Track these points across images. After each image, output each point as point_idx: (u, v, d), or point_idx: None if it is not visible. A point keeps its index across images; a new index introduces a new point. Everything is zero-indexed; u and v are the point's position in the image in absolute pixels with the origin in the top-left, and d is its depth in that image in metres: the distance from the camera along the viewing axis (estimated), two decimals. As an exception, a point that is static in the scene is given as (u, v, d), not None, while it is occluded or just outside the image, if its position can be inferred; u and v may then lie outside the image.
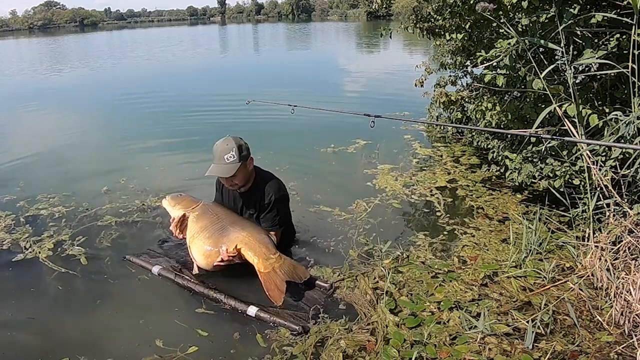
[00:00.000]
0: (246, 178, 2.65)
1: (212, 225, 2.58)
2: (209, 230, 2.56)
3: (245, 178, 2.64)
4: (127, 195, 3.84)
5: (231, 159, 2.51)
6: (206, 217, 2.63)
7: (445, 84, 5.07)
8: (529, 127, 3.02)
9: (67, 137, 6.00)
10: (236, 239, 2.50)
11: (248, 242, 2.48)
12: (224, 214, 2.67)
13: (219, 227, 2.57)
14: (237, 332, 2.21)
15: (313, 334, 2.14)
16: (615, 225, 2.43)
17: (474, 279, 2.51)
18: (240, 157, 2.54)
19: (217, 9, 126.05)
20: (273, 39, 31.24)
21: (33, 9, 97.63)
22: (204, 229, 2.58)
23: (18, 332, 2.27)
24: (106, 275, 2.72)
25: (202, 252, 2.54)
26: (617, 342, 2.00)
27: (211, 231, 2.55)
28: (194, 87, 10.09)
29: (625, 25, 2.39)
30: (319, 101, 7.43)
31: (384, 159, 4.57)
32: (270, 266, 2.41)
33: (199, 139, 5.52)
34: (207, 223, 2.59)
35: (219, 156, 2.53)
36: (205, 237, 2.55)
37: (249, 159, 2.61)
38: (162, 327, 2.26)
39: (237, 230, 2.54)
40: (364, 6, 61.27)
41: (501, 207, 3.39)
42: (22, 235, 3.20)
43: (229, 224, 2.59)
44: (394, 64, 12.49)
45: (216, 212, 2.67)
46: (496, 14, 2.77)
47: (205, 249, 2.53)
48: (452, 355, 1.97)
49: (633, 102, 2.36)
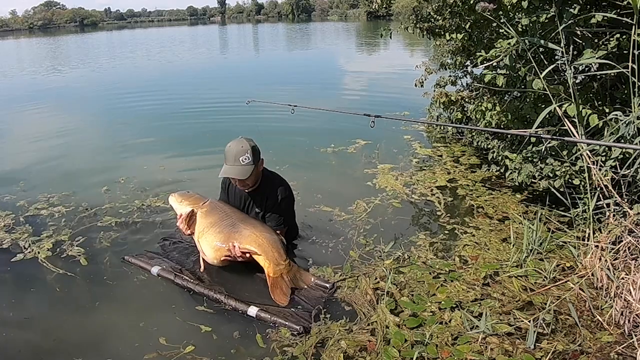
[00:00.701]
0: (257, 179, 2.69)
1: (222, 221, 2.60)
2: (219, 226, 2.58)
3: (256, 179, 2.67)
4: (127, 195, 3.84)
5: (246, 160, 2.52)
6: (215, 213, 2.65)
7: (445, 84, 5.07)
8: (529, 127, 3.02)
9: (67, 137, 6.00)
10: (249, 237, 2.51)
11: (262, 245, 2.50)
12: (232, 211, 2.70)
13: (229, 223, 2.59)
14: (237, 331, 2.21)
15: (313, 335, 2.14)
16: (615, 225, 2.43)
17: (476, 278, 2.51)
18: (254, 159, 2.55)
19: (217, 9, 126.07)
20: (273, 39, 31.25)
21: (33, 9, 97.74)
22: (213, 224, 2.60)
23: (18, 332, 2.26)
24: (105, 276, 2.72)
25: (213, 246, 2.56)
26: (617, 342, 2.00)
27: (221, 227, 2.58)
28: (194, 87, 10.08)
29: (625, 25, 2.39)
30: (319, 101, 7.44)
31: (384, 159, 4.57)
32: (279, 272, 2.45)
33: (199, 139, 5.53)
34: (217, 219, 2.62)
35: (234, 157, 2.52)
36: (216, 232, 2.57)
37: (260, 161, 2.63)
38: (161, 327, 2.26)
39: (250, 229, 2.56)
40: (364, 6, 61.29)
41: (501, 207, 3.39)
42: (21, 235, 3.19)
43: (239, 220, 2.61)
44: (394, 64, 12.49)
45: (224, 210, 2.69)
46: (496, 14, 2.77)
47: (215, 243, 2.56)
48: (454, 355, 1.97)
49: (633, 102, 2.36)
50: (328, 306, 2.35)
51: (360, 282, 2.52)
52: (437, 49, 5.24)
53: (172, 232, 3.13)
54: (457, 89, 5.07)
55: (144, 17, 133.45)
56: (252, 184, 2.67)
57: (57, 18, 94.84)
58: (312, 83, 10.35)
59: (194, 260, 2.77)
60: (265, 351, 2.08)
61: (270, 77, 11.88)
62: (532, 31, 2.62)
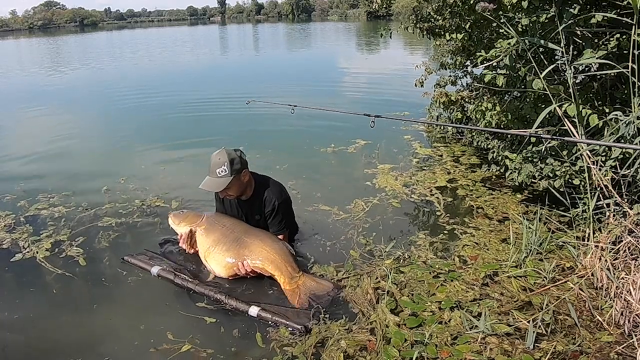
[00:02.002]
0: (241, 189, 2.68)
1: (225, 237, 2.59)
2: (225, 243, 2.57)
3: (240, 189, 2.66)
4: (127, 195, 3.84)
5: (222, 173, 2.54)
6: (215, 229, 2.65)
7: (445, 84, 5.07)
8: (529, 127, 3.02)
9: (67, 137, 6.00)
10: (260, 254, 2.50)
11: (274, 261, 2.48)
12: (233, 224, 2.68)
13: (233, 238, 2.58)
14: (236, 329, 2.21)
15: (313, 335, 2.14)
16: (615, 225, 2.43)
17: (475, 278, 2.51)
18: (232, 171, 2.55)
19: (217, 9, 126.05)
20: (273, 39, 31.24)
21: (33, 9, 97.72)
22: (217, 242, 2.59)
23: (17, 333, 2.26)
24: (105, 276, 2.72)
25: (224, 265, 2.55)
26: (617, 342, 2.00)
27: (227, 244, 2.57)
28: (195, 88, 10.07)
29: (625, 25, 2.38)
30: (319, 101, 7.44)
31: (384, 159, 4.57)
32: (294, 284, 2.45)
33: (199, 139, 5.52)
34: (219, 235, 2.61)
35: (212, 170, 2.57)
36: (223, 250, 2.56)
37: (242, 172, 2.62)
38: (160, 327, 2.25)
39: (257, 243, 2.54)
40: (364, 6, 61.25)
41: (501, 207, 3.39)
42: (21, 235, 3.19)
43: (243, 234, 2.60)
44: (394, 64, 12.49)
45: (224, 224, 2.68)
46: (496, 14, 2.77)
47: (226, 261, 2.54)
48: (453, 355, 1.97)
49: (633, 102, 2.35)
50: (328, 306, 2.34)
51: (362, 281, 2.52)
52: (437, 49, 5.24)
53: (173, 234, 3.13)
54: (457, 89, 5.07)
55: (144, 17, 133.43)
56: (236, 194, 2.67)
57: (57, 18, 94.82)
58: (312, 83, 10.35)
59: (194, 262, 2.76)
60: (265, 351, 2.08)
61: (270, 77, 11.87)
62: (532, 31, 2.62)
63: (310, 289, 2.42)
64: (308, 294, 2.40)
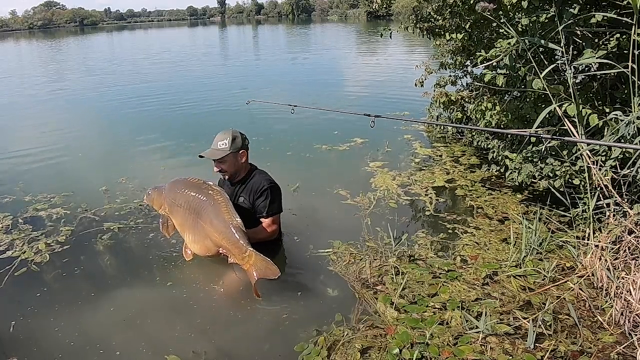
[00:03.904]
0: (236, 167, 2.78)
1: (186, 222, 2.64)
2: (188, 227, 2.62)
3: (233, 167, 2.77)
4: (127, 196, 3.84)
5: (223, 146, 2.72)
6: (177, 213, 2.69)
7: (445, 84, 5.07)
8: (529, 127, 3.02)
9: (68, 137, 6.00)
10: (215, 241, 2.49)
11: (223, 245, 2.46)
12: (186, 202, 2.62)
13: (192, 223, 2.59)
14: (239, 331, 2.21)
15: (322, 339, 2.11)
16: (615, 225, 2.43)
17: (475, 278, 2.51)
18: (232, 147, 2.70)
19: (217, 9, 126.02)
20: (273, 39, 31.23)
21: (33, 9, 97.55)
22: (181, 226, 2.68)
23: (15, 332, 2.26)
24: (104, 276, 2.72)
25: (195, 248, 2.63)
26: (617, 342, 2.00)
27: (190, 228, 2.61)
28: (195, 88, 10.07)
29: (625, 25, 2.39)
30: (319, 101, 7.44)
31: (384, 158, 4.57)
32: (247, 263, 2.36)
33: (199, 139, 5.50)
34: (181, 220, 2.67)
35: (215, 142, 2.76)
36: (190, 234, 2.62)
37: (241, 151, 2.75)
38: (160, 328, 2.26)
39: (210, 230, 2.50)
40: (364, 6, 61.24)
41: (501, 207, 3.39)
42: (20, 235, 3.19)
43: (198, 217, 2.55)
44: (394, 63, 12.49)
45: (179, 203, 2.66)
46: (496, 13, 2.77)
47: (194, 247, 2.62)
48: (455, 355, 1.97)
49: (633, 102, 2.36)
50: (329, 305, 2.35)
51: (363, 280, 2.52)
52: (437, 49, 5.24)
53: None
54: (457, 89, 5.08)
55: (144, 17, 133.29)
56: (230, 170, 2.77)
57: (57, 18, 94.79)
58: (312, 83, 10.35)
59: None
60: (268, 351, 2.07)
61: (270, 77, 11.87)
62: (532, 31, 2.62)
63: (259, 271, 2.32)
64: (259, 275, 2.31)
